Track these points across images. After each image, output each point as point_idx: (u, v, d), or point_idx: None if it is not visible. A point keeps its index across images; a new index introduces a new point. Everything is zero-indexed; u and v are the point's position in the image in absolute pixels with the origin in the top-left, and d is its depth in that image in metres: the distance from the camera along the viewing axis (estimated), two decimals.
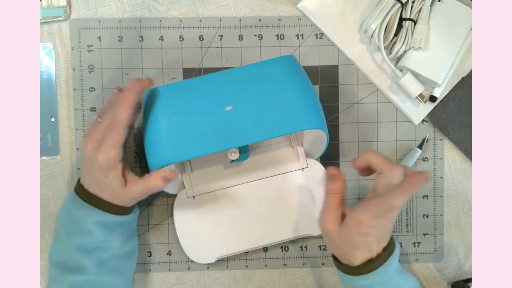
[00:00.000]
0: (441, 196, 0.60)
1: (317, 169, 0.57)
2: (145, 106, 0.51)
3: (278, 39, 0.59)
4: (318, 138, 0.53)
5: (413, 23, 0.56)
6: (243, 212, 0.56)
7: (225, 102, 0.49)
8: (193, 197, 0.56)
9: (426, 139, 0.60)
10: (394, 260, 0.48)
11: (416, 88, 0.57)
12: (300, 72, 0.52)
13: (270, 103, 0.49)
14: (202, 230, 0.56)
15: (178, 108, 0.49)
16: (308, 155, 0.57)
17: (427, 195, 0.60)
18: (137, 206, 0.55)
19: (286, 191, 0.57)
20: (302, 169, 0.57)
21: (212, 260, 0.56)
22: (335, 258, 0.52)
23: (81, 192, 0.50)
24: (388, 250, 0.48)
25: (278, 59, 0.51)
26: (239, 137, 0.48)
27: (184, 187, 0.56)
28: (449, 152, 0.60)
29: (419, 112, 0.59)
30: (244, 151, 0.54)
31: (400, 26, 0.57)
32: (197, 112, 0.49)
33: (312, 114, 0.50)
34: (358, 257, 0.48)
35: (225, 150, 0.50)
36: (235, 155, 0.53)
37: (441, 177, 0.60)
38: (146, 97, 0.51)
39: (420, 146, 0.59)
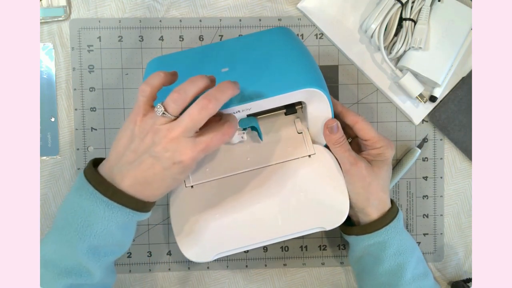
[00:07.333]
0: (441, 196, 0.60)
1: (325, 156, 0.53)
2: (145, 76, 0.52)
3: None
4: (323, 119, 0.52)
5: (413, 23, 0.56)
6: (245, 203, 0.52)
7: (221, 65, 0.48)
8: (192, 186, 0.52)
9: (426, 139, 0.60)
10: (401, 217, 0.53)
11: (416, 88, 0.57)
12: (295, 38, 0.52)
13: (266, 65, 0.48)
14: (200, 224, 0.51)
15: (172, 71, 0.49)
16: (315, 142, 0.54)
17: (427, 195, 0.60)
18: None
19: (293, 180, 0.52)
20: (309, 155, 0.53)
21: (210, 258, 0.51)
22: (346, 229, 0.54)
23: (105, 187, 0.43)
24: (394, 208, 0.53)
25: (274, 28, 0.53)
26: (234, 98, 0.45)
27: None
28: (449, 152, 0.60)
29: (419, 112, 0.59)
30: (253, 126, 0.51)
31: (400, 26, 0.57)
32: (193, 75, 0.47)
33: (309, 74, 0.48)
34: (374, 210, 0.52)
35: (220, 110, 0.46)
36: (241, 137, 0.49)
37: (441, 177, 0.60)
38: (146, 68, 0.52)
39: (420, 146, 0.59)
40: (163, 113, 0.41)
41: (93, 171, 0.45)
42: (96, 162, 0.47)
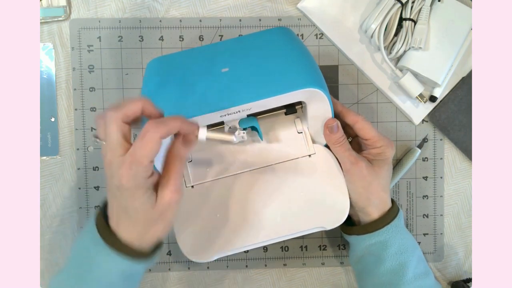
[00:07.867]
0: (441, 196, 0.60)
1: (326, 156, 0.53)
2: (145, 77, 0.52)
3: None
4: (323, 119, 0.52)
5: (413, 23, 0.56)
6: (246, 203, 0.52)
7: (221, 65, 0.48)
8: (192, 186, 0.52)
9: (426, 139, 0.60)
10: (402, 216, 0.53)
11: (416, 88, 0.57)
12: (295, 38, 0.52)
13: (266, 65, 0.48)
14: (200, 224, 0.51)
15: (172, 73, 0.49)
16: (315, 142, 0.54)
17: (427, 195, 0.60)
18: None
19: (293, 180, 0.52)
20: (309, 155, 0.53)
21: (211, 258, 0.51)
22: (346, 229, 0.54)
23: (107, 234, 0.43)
24: (394, 207, 0.53)
25: (274, 28, 0.53)
26: (235, 98, 0.46)
27: (183, 176, 0.52)
28: (449, 152, 0.60)
29: (419, 112, 0.59)
30: (253, 126, 0.50)
31: (400, 26, 0.57)
32: (193, 75, 0.48)
33: (309, 74, 0.48)
34: (374, 210, 0.52)
35: (220, 110, 0.46)
36: (242, 137, 0.48)
37: (441, 177, 0.60)
38: (146, 68, 0.52)
39: (420, 146, 0.59)
40: (96, 141, 0.40)
41: (100, 214, 0.44)
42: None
